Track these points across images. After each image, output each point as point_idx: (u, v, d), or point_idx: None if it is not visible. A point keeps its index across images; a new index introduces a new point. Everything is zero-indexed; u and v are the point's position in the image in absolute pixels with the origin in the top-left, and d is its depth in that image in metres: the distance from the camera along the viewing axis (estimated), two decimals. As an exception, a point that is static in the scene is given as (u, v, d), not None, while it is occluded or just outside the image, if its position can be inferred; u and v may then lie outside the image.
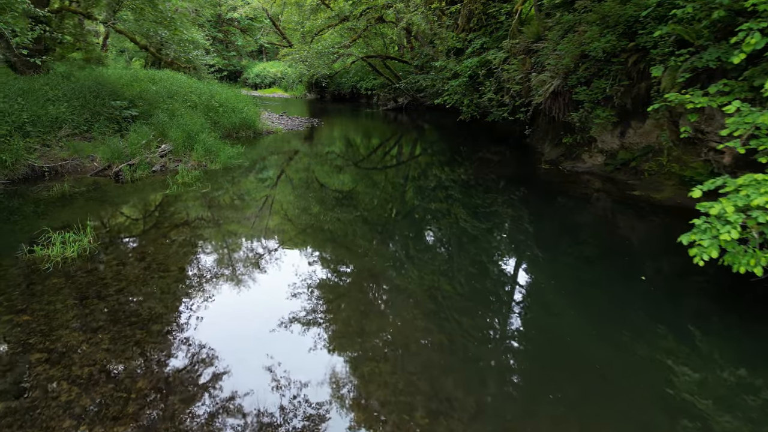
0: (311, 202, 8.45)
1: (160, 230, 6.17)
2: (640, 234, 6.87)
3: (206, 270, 5.06)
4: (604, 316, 4.40)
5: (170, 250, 5.46)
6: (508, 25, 13.59)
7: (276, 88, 39.31)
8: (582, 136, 9.48)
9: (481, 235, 6.75)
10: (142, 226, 6.31)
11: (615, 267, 5.58)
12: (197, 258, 5.34)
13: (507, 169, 11.26)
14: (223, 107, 14.70)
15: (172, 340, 3.70)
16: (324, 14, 20.56)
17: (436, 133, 18.67)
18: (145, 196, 7.80)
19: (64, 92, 10.60)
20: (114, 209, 7.03)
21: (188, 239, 5.85)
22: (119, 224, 6.33)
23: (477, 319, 4.37)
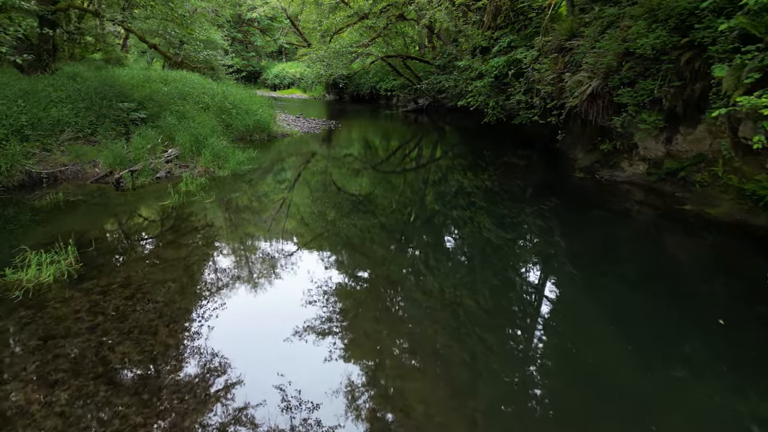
0: (326, 209, 7.79)
1: (151, 249, 5.52)
2: (691, 254, 6.03)
3: (198, 301, 4.38)
4: (650, 348, 3.83)
5: (159, 275, 4.80)
6: (538, 22, 12.73)
7: (295, 89, 38.89)
8: (622, 142, 8.61)
9: (506, 247, 6.21)
10: (131, 243, 5.68)
11: (662, 291, 4.83)
12: (189, 285, 4.67)
13: (535, 176, 10.44)
14: (236, 109, 14.13)
15: (141, 399, 3.02)
16: (343, 12, 19.90)
17: (458, 136, 17.89)
18: (143, 207, 7.19)
19: (68, 93, 10.10)
20: (106, 222, 6.42)
21: (181, 261, 5.19)
22: (108, 241, 5.71)
23: (502, 337, 4.06)
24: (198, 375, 3.32)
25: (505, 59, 11.99)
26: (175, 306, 4.19)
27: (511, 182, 10.11)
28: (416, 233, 6.90)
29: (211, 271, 5.07)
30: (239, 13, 41.08)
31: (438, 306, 4.56)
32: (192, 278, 4.80)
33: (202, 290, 4.60)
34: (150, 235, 6.00)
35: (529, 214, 7.68)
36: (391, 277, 5.16)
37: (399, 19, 17.70)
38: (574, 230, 7.02)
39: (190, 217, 6.70)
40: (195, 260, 5.24)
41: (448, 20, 11.91)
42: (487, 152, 14.02)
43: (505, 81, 12.67)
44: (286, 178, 9.87)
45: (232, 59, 36.71)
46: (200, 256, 5.38)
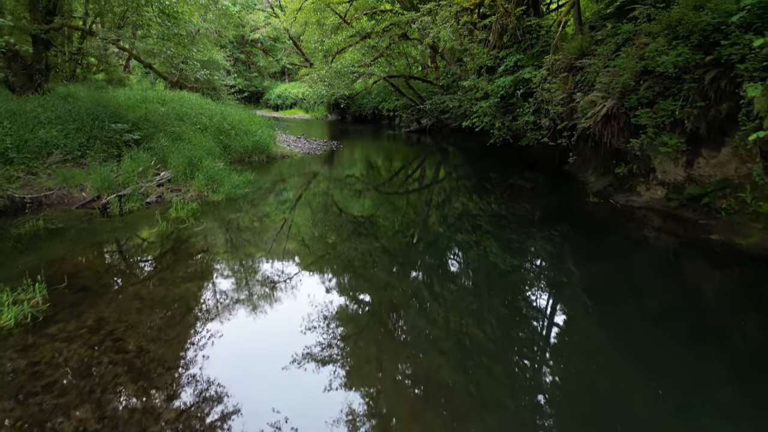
0: (326, 232, 7.36)
1: (129, 285, 5.01)
2: (718, 287, 5.51)
3: (176, 349, 3.85)
4: (670, 391, 3.44)
5: (135, 316, 4.28)
6: (545, 41, 12.38)
7: (297, 109, 38.80)
8: (638, 166, 8.12)
9: (514, 273, 5.86)
10: (108, 278, 5.17)
11: (686, 328, 4.37)
12: (166, 329, 4.15)
13: (544, 200, 9.97)
14: (235, 130, 13.76)
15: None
16: (345, 33, 19.68)
17: (461, 157, 17.49)
18: (127, 236, 6.68)
19: (58, 114, 9.72)
20: (84, 253, 5.91)
21: (161, 299, 4.68)
22: (82, 275, 5.20)
23: (510, 368, 3.82)
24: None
25: (511, 79, 11.61)
26: (147, 357, 3.66)
27: (518, 205, 9.67)
28: (420, 257, 6.56)
29: (195, 311, 4.55)
30: (242, 34, 41.20)
31: (443, 334, 4.30)
32: (171, 321, 4.28)
33: (182, 335, 4.07)
34: (129, 269, 5.49)
35: (538, 240, 7.24)
36: (393, 303, 4.94)
37: (402, 39, 17.43)
38: (588, 258, 6.52)
39: (176, 247, 6.21)
40: (176, 299, 4.73)
41: (453, 38, 11.57)
42: (493, 174, 13.57)
43: (512, 101, 12.26)
44: (283, 201, 9.40)
45: (234, 80, 36.68)
46: (183, 293, 4.87)
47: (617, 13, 8.45)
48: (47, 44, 11.28)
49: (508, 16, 11.98)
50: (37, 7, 10.78)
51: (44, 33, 10.75)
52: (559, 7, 16.64)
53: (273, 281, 5.44)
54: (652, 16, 7.24)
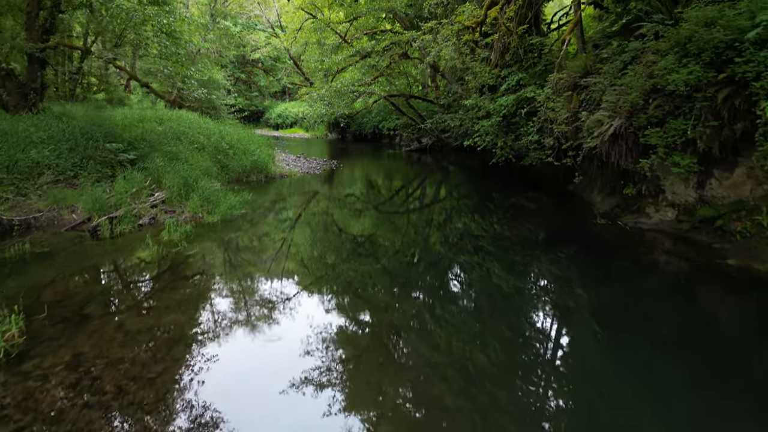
0: (324, 254, 7.14)
1: (112, 316, 4.70)
2: (735, 315, 5.23)
3: (160, 390, 3.53)
4: (689, 423, 3.28)
5: (117, 351, 3.97)
6: (548, 60, 12.25)
7: (297, 128, 38.81)
8: (647, 186, 7.87)
9: (518, 296, 5.71)
10: (91, 308, 4.85)
11: (701, 357, 4.15)
12: (150, 366, 3.83)
13: (547, 220, 9.72)
14: (233, 149, 13.57)
15: None
16: (345, 52, 19.63)
17: (463, 176, 17.29)
18: (115, 261, 6.38)
19: (51, 134, 9.50)
20: (68, 280, 5.60)
21: (146, 332, 4.37)
22: (64, 304, 4.89)
23: (515, 395, 3.67)
24: None
25: (514, 98, 11.43)
26: (126, 399, 3.34)
27: (522, 226, 9.39)
28: (421, 278, 6.39)
29: (183, 343, 4.23)
30: (243, 54, 41.42)
31: (445, 359, 4.16)
32: (156, 355, 3.96)
33: (167, 372, 3.76)
34: (115, 297, 5.18)
35: (543, 262, 6.99)
36: (394, 326, 4.81)
37: (402, 58, 17.35)
38: (595, 281, 6.26)
39: (166, 272, 5.91)
40: (164, 330, 4.42)
41: (455, 57, 11.42)
42: (495, 193, 13.35)
43: (514, 120, 12.07)
44: (281, 222, 9.12)
45: (235, 99, 36.75)
46: (171, 323, 4.56)
47: (623, 31, 8.28)
48: (43, 63, 11.12)
49: (510, 35, 11.86)
50: (33, 25, 10.65)
51: (40, 52, 10.59)
52: (560, 26, 16.59)
53: (269, 308, 5.13)
54: (660, 34, 7.06)
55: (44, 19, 11.17)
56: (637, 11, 7.79)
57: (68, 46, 10.91)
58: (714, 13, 6.17)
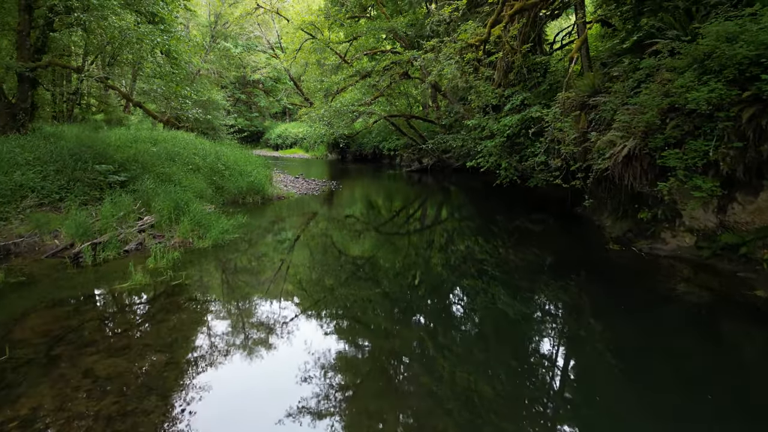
0: (320, 281, 6.62)
1: (82, 358, 4.19)
2: (764, 351, 4.74)
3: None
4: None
5: (82, 404, 3.49)
6: (553, 79, 11.95)
7: (297, 148, 38.63)
8: (663, 210, 7.44)
9: (525, 324, 5.36)
10: (59, 349, 4.36)
11: (728, 396, 3.77)
12: (117, 420, 3.34)
13: (555, 244, 9.30)
14: (229, 170, 13.21)
15: None
16: (345, 72, 19.42)
17: (464, 197, 16.89)
18: (94, 292, 5.89)
19: (38, 155, 9.12)
20: (39, 315, 5.10)
21: (118, 378, 3.88)
22: (31, 344, 4.40)
23: (523, 430, 3.40)
24: None
25: (518, 117, 11.08)
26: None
27: (528, 250, 8.97)
28: (422, 303, 6.14)
29: (159, 391, 3.74)
30: (244, 75, 41.47)
31: (448, 390, 3.94)
32: (125, 407, 3.46)
33: (136, 428, 3.26)
34: (87, 335, 4.68)
35: (552, 289, 6.57)
36: (395, 354, 4.59)
37: (403, 78, 17.10)
38: (609, 311, 5.79)
39: (147, 306, 5.42)
40: (138, 375, 3.93)
41: (458, 75, 11.11)
42: (498, 215, 12.93)
43: (518, 141, 11.72)
44: (275, 248, 8.66)
45: (235, 120, 36.63)
46: (147, 368, 4.07)
47: (634, 49, 7.95)
48: (34, 83, 10.81)
49: (514, 54, 11.56)
50: (24, 44, 10.35)
51: (30, 71, 10.27)
52: (563, 45, 16.38)
53: (260, 347, 4.64)
54: (677, 50, 6.70)
55: (36, 38, 10.90)
56: (648, 27, 7.46)
57: (60, 65, 10.60)
58: (735, 27, 5.81)
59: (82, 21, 9.78)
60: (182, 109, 12.76)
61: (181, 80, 10.98)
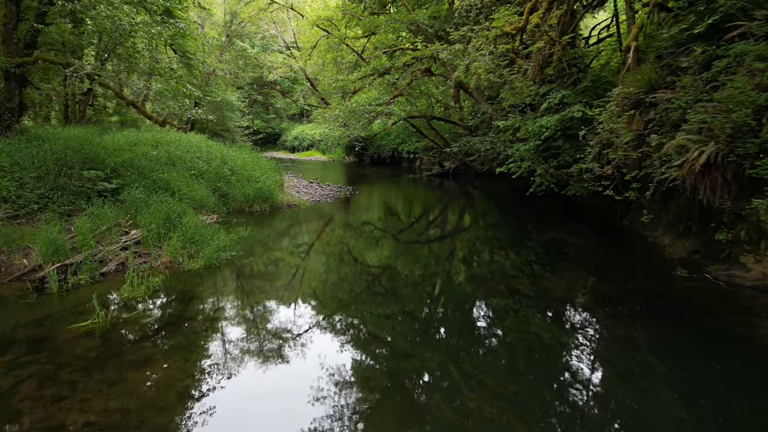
0: (331, 304, 5.33)
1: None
2: None
3: None
4: None
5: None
6: (595, 75, 10.60)
7: (314, 151, 37.67)
8: (748, 230, 6.08)
9: (566, 354, 4.56)
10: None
11: None
12: None
13: (600, 263, 8.13)
14: (235, 175, 12.15)
15: None
16: (362, 71, 18.24)
17: (489, 203, 15.61)
18: (45, 331, 4.74)
19: (16, 160, 8.12)
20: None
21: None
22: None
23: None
24: None
25: (557, 118, 9.76)
26: None
27: (567, 267, 7.89)
28: (445, 322, 5.53)
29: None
30: (261, 75, 40.67)
31: (477, 427, 3.41)
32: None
33: None
34: (12, 408, 3.55)
35: (599, 315, 5.58)
36: (414, 379, 4.12)
37: (425, 74, 15.81)
38: (670, 349, 4.71)
39: (104, 359, 4.25)
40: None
41: (491, 68, 9.85)
42: (528, 225, 11.64)
43: (555, 144, 10.40)
44: (276, 269, 7.51)
45: (251, 121, 35.81)
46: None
47: (706, 35, 6.60)
48: (22, 80, 9.85)
49: (553, 45, 10.25)
50: (10, 38, 9.40)
51: (15, 67, 9.32)
52: (600, 40, 14.95)
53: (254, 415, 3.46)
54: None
55: (26, 31, 9.96)
56: (728, 8, 6.13)
57: (48, 60, 9.63)
58: None
59: (68, 11, 8.79)
60: (180, 110, 11.73)
61: (180, 77, 9.91)
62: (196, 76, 22.50)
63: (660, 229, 8.51)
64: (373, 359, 4.54)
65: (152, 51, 9.59)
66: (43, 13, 9.91)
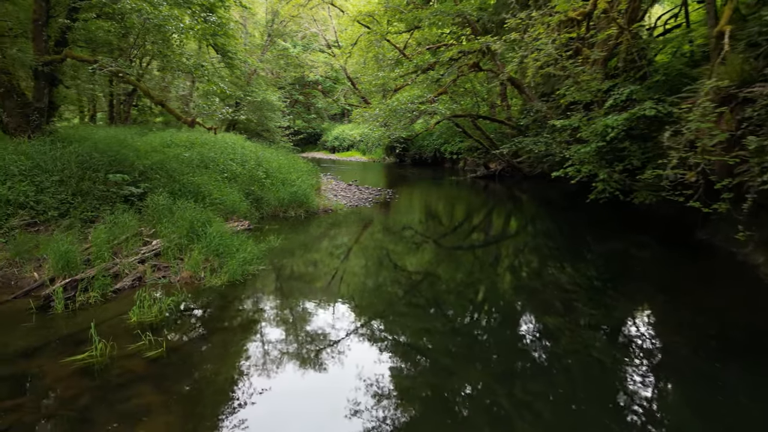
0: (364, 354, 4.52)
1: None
2: None
3: None
4: None
5: None
6: (669, 68, 9.35)
7: (354, 151, 37.12)
8: None
9: (635, 387, 3.91)
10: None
11: None
12: None
13: (668, 278, 7.19)
14: (270, 178, 11.52)
15: None
16: (404, 68, 17.37)
17: (538, 208, 14.53)
18: (34, 365, 4.05)
19: (37, 163, 7.69)
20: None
21: None
22: None
23: None
24: None
25: (625, 117, 8.60)
26: None
27: (633, 284, 7.03)
28: (492, 339, 4.99)
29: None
30: (302, 75, 40.40)
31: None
32: None
33: None
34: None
35: (676, 346, 4.83)
36: (458, 401, 3.70)
37: (473, 70, 14.74)
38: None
39: (99, 405, 3.54)
40: None
41: (550, 60, 8.79)
42: (583, 233, 10.53)
43: (622, 146, 9.23)
44: (306, 286, 6.75)
45: (291, 121, 35.51)
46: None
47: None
48: (51, 79, 9.51)
49: (621, 34, 9.05)
50: (40, 36, 9.06)
51: (44, 66, 8.95)
52: (667, 31, 13.51)
53: None
54: None
55: (58, 28, 9.60)
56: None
57: (77, 58, 9.24)
58: None
59: (93, 4, 8.33)
60: (209, 109, 11.21)
61: (212, 75, 9.33)
62: (238, 77, 22.27)
63: (750, 245, 7.27)
64: (415, 374, 4.24)
65: (182, 47, 9.02)
66: (74, 8, 9.52)
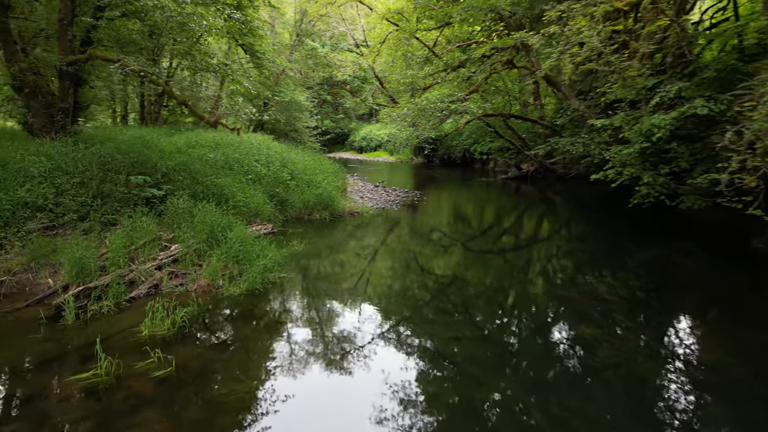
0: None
1: None
2: None
3: None
4: None
5: None
6: (721, 63, 8.64)
7: (382, 151, 36.77)
8: None
9: (684, 410, 3.58)
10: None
11: None
12: None
13: (718, 289, 6.73)
14: (295, 180, 11.23)
15: None
16: (433, 66, 16.89)
17: (573, 211, 13.90)
18: (40, 384, 3.76)
19: (58, 165, 7.54)
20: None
21: None
22: None
23: None
24: None
25: (673, 116, 7.95)
26: None
27: (679, 294, 6.48)
28: (525, 349, 4.79)
29: None
30: (331, 75, 40.24)
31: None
32: None
33: None
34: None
35: (733, 366, 4.39)
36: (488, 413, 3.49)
37: (506, 67, 14.15)
38: None
39: (99, 428, 3.26)
40: None
41: (593, 55, 8.22)
42: (622, 239, 9.89)
43: (669, 147, 8.58)
44: (329, 296, 6.37)
45: (318, 121, 35.37)
46: None
47: None
48: (76, 79, 9.42)
49: (669, 26, 8.39)
50: (65, 35, 8.96)
51: (68, 65, 8.84)
52: (713, 25, 12.66)
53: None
54: None
55: (85, 28, 9.51)
56: None
57: (101, 57, 9.11)
58: None
59: (118, 3, 8.16)
60: (233, 109, 10.99)
61: (236, 74, 9.08)
62: (267, 77, 22.16)
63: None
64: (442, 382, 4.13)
65: (207, 46, 8.80)
66: (99, 7, 9.40)
